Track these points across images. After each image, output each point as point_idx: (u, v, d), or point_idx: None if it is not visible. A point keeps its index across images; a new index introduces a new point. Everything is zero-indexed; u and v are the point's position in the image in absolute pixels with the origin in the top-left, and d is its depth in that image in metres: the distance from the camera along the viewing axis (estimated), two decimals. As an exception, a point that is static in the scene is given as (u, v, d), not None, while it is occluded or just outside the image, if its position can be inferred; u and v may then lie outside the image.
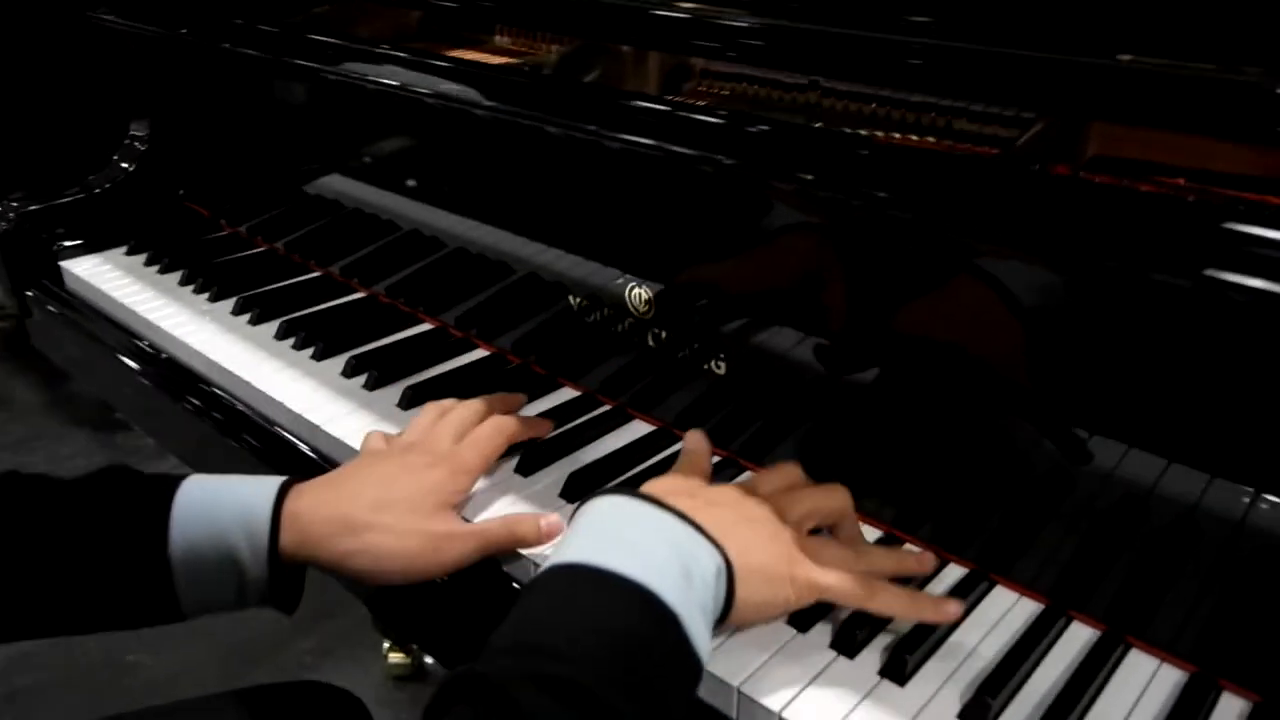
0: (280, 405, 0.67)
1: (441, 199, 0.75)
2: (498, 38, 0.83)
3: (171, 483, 0.48)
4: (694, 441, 0.55)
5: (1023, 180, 0.48)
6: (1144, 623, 0.44)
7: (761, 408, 0.58)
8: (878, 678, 0.43)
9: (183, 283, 0.85)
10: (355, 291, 0.84)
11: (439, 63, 0.71)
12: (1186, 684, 0.42)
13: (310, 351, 0.72)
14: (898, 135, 0.57)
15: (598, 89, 0.69)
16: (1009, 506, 0.49)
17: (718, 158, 0.53)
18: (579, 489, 0.55)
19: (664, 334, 0.60)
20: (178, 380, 0.76)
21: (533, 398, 0.66)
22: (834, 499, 0.49)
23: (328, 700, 0.66)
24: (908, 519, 0.53)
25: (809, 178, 0.50)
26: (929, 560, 0.48)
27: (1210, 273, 0.37)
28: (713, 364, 0.58)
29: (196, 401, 0.73)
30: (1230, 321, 0.38)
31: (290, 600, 0.50)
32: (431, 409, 0.59)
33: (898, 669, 0.43)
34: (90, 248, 0.91)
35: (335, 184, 0.85)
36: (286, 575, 0.48)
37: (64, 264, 0.88)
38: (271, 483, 0.49)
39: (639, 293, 0.60)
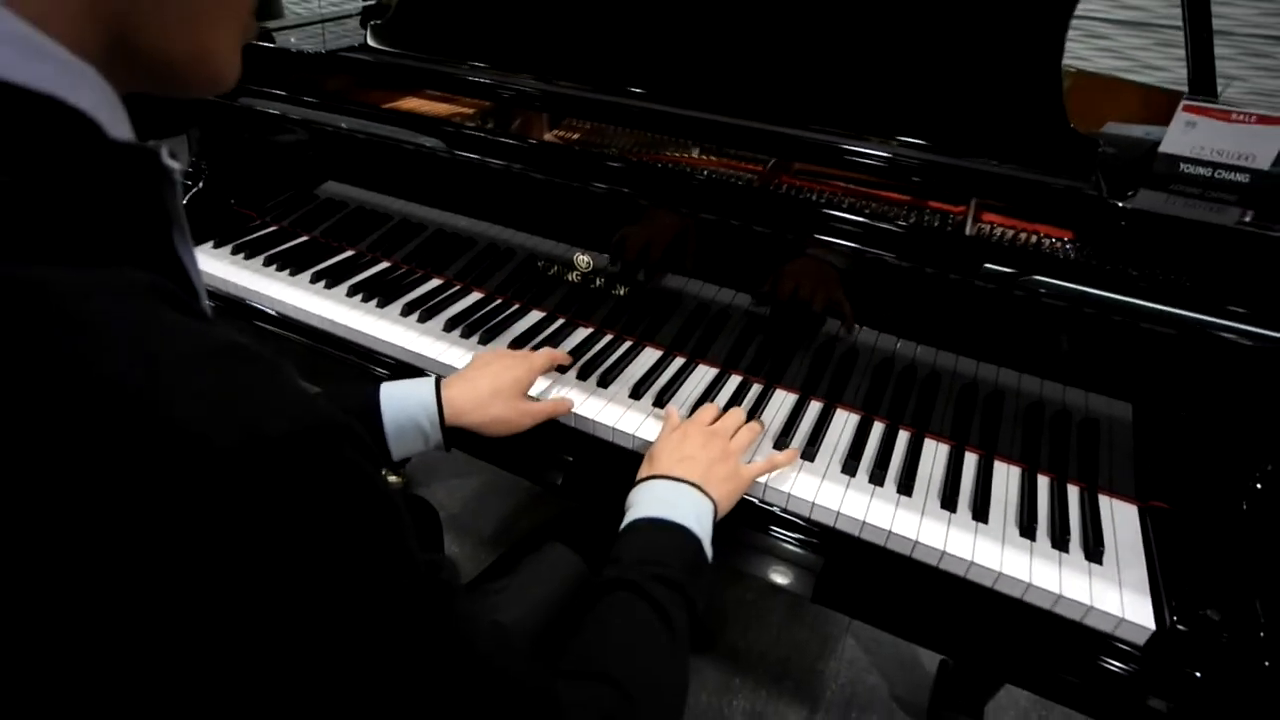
0: (368, 335, 0.93)
1: (419, 198, 1.00)
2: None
3: (374, 391, 0.70)
4: (672, 416, 0.77)
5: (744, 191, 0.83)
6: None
7: (644, 312, 0.91)
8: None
9: (266, 264, 1.05)
10: (380, 262, 1.08)
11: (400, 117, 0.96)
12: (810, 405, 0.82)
13: (374, 303, 0.98)
14: (699, 155, 0.93)
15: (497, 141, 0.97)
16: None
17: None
18: (602, 380, 0.87)
19: (590, 275, 0.92)
20: (284, 324, 0.99)
21: (509, 323, 0.96)
22: (752, 431, 0.75)
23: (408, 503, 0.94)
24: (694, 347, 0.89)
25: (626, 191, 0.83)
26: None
27: (817, 236, 0.76)
28: (617, 289, 0.91)
29: (302, 338, 0.97)
30: (831, 263, 0.76)
31: (451, 445, 0.74)
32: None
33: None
34: (181, 244, 1.08)
35: (337, 189, 1.07)
36: (449, 433, 0.73)
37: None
38: (429, 382, 0.73)
39: (583, 259, 0.91)
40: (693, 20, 0.93)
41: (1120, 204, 0.73)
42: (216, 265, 1.05)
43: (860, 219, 0.78)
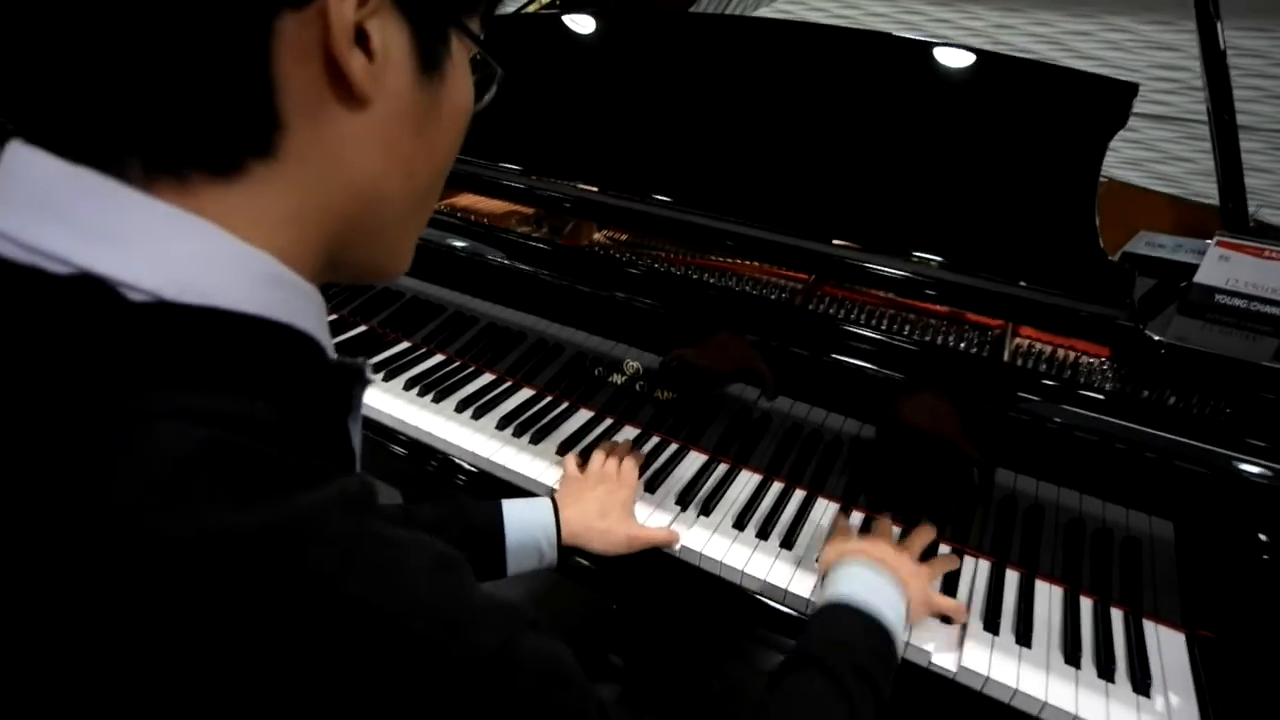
0: (424, 431, 0.97)
1: (470, 290, 1.04)
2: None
3: (497, 506, 0.74)
4: (882, 526, 0.79)
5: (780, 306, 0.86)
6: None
7: (686, 414, 0.94)
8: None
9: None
10: (434, 355, 1.12)
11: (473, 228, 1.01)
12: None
13: (430, 397, 1.02)
14: (745, 261, 0.96)
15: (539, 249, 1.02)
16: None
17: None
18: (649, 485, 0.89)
19: (637, 379, 0.95)
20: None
21: (558, 423, 1.00)
22: (951, 561, 0.77)
23: None
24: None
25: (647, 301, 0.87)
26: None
27: (829, 354, 0.78)
28: (660, 393, 0.94)
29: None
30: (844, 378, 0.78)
31: (560, 565, 0.77)
32: (599, 453, 0.87)
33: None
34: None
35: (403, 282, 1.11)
36: (563, 553, 0.76)
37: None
38: (548, 505, 0.76)
39: (630, 363, 0.94)
40: (745, 143, 0.98)
41: (1154, 336, 0.75)
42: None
43: (895, 342, 0.80)
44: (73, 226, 0.28)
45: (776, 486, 0.90)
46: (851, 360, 0.80)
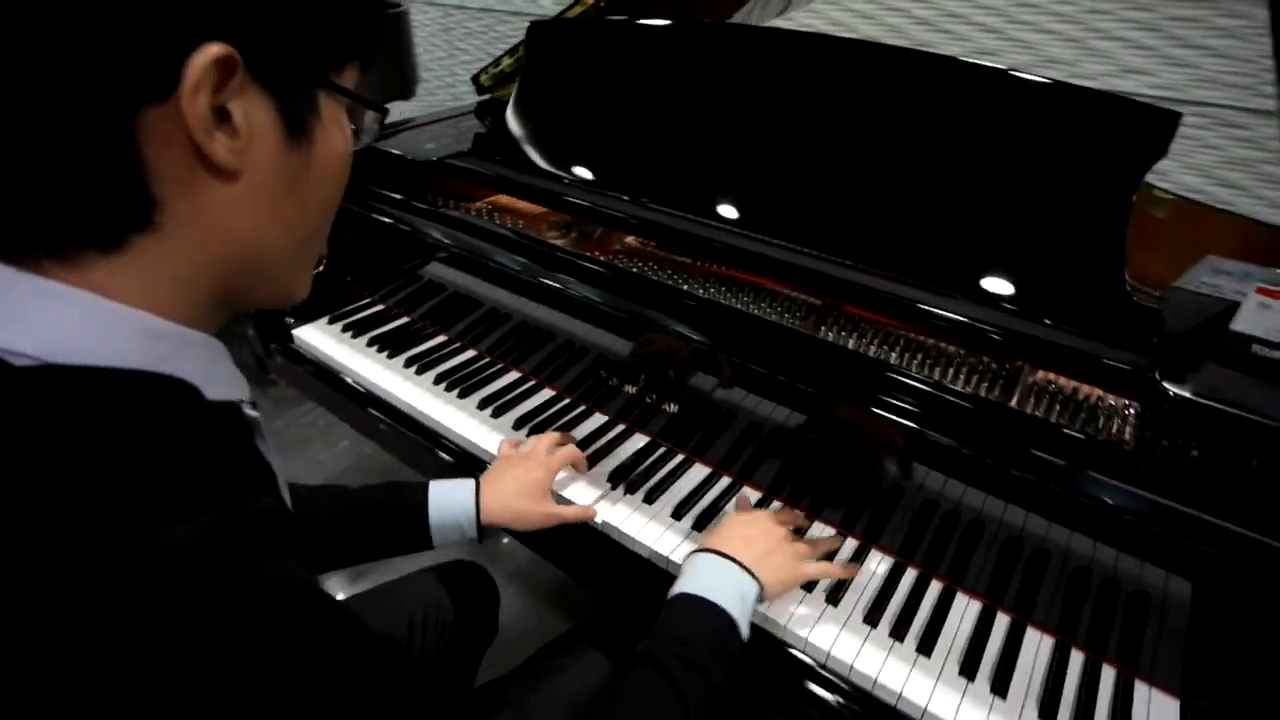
0: (447, 427, 1.02)
1: (508, 287, 1.06)
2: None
3: (424, 488, 0.81)
4: (741, 502, 0.85)
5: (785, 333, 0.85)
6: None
7: (691, 425, 0.95)
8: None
9: (368, 345, 1.18)
10: (467, 350, 1.17)
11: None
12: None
13: (456, 393, 1.07)
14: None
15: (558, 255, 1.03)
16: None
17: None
18: (617, 478, 0.93)
19: (645, 391, 0.97)
20: (376, 405, 1.10)
21: (572, 426, 1.03)
22: (832, 542, 0.80)
23: (468, 571, 1.02)
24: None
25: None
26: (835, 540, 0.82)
27: (864, 398, 0.76)
28: (668, 406, 0.96)
29: (387, 418, 1.08)
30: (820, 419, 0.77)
31: (483, 538, 0.84)
32: (534, 437, 0.93)
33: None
34: (303, 319, 1.23)
35: (438, 271, 1.15)
36: (482, 529, 0.83)
37: (295, 331, 1.21)
38: (470, 488, 0.82)
39: (643, 376, 0.96)
40: (780, 163, 0.97)
41: (1170, 390, 0.70)
42: (328, 341, 1.18)
43: (918, 383, 0.76)
44: None
45: (775, 506, 0.91)
46: (868, 405, 0.79)
